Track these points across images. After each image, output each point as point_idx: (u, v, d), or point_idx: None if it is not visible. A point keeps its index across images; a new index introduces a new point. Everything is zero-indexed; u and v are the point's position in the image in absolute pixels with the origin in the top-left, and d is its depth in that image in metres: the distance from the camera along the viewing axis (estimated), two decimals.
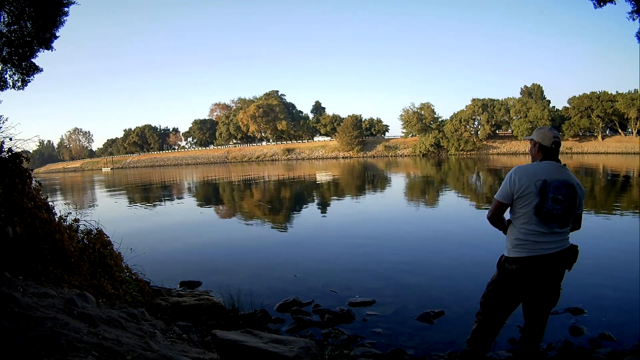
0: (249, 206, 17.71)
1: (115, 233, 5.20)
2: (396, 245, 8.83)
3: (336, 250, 8.57)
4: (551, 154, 2.82)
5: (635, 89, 58.35)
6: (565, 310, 4.77)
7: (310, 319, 4.95)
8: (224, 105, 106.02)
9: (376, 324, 4.77)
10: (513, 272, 2.78)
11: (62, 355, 2.10)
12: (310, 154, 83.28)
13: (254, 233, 11.40)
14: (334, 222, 12.64)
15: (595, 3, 5.49)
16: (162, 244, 9.65)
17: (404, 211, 14.14)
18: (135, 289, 4.60)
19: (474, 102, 69.40)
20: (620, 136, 61.76)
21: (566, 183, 2.73)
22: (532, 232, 2.71)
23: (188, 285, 6.32)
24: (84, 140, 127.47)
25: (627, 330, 4.26)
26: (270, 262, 7.77)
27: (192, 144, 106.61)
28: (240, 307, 4.98)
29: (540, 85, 71.88)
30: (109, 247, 4.79)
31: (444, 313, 4.95)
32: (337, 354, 3.52)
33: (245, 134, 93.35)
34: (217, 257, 8.48)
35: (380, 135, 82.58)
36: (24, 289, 3.06)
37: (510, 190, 2.76)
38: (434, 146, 69.89)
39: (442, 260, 7.46)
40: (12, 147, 4.04)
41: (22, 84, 5.58)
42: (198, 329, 4.31)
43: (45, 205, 4.13)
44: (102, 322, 2.84)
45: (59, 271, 3.71)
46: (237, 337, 3.36)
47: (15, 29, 5.24)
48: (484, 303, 2.98)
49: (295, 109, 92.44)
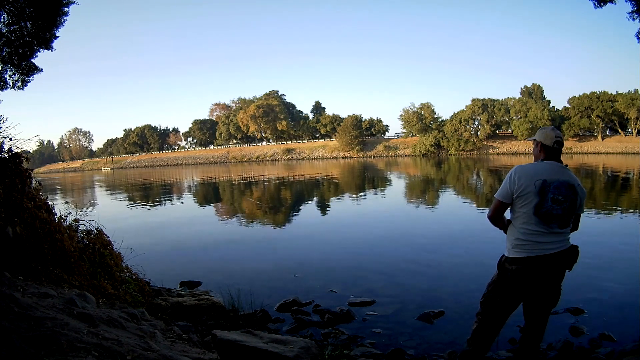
0: (249, 206, 17.71)
1: (115, 233, 5.19)
2: (396, 245, 8.83)
3: (336, 250, 8.57)
4: (553, 154, 2.82)
5: (635, 89, 58.43)
6: (565, 310, 4.77)
7: (310, 319, 4.95)
8: (224, 105, 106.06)
9: (376, 324, 4.76)
10: (513, 272, 2.78)
11: (62, 355, 2.10)
12: (310, 154, 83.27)
13: (254, 233, 11.40)
14: (333, 222, 12.64)
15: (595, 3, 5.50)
16: (162, 244, 9.65)
17: (403, 211, 14.14)
18: (135, 289, 4.60)
19: (474, 102, 69.38)
20: (620, 136, 61.74)
21: (567, 183, 2.72)
22: (532, 232, 2.71)
23: (188, 285, 6.32)
24: (84, 140, 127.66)
25: (627, 330, 4.26)
26: (270, 262, 7.77)
27: (192, 144, 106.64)
28: (240, 307, 4.98)
29: (540, 85, 71.90)
30: (109, 247, 4.79)
31: (444, 313, 4.94)
32: (337, 354, 3.52)
33: (245, 134, 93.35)
34: (217, 257, 8.48)
35: (380, 135, 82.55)
36: (24, 289, 3.06)
37: (510, 189, 2.76)
38: (434, 146, 69.86)
39: (442, 260, 7.45)
40: (12, 147, 4.04)
41: (22, 84, 5.58)
42: (198, 329, 4.31)
43: (45, 205, 4.13)
44: (102, 322, 2.84)
45: (59, 271, 3.71)
46: (237, 337, 3.36)
47: (15, 29, 5.24)
48: (484, 303, 2.97)
49: (295, 109, 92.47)
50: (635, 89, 58.05)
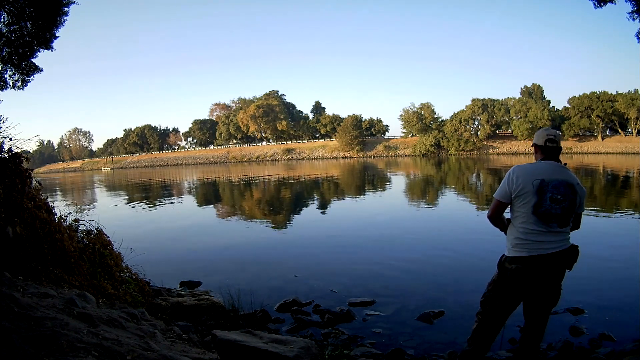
0: (249, 206, 17.71)
1: (115, 233, 5.19)
2: (396, 245, 8.82)
3: (336, 250, 8.56)
4: (550, 154, 2.82)
5: (635, 89, 58.46)
6: (565, 310, 4.77)
7: (310, 319, 4.95)
8: (224, 105, 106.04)
9: (376, 324, 4.77)
10: (513, 271, 2.78)
11: (62, 355, 2.10)
12: (310, 154, 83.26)
13: (254, 233, 11.40)
14: (334, 222, 12.64)
15: (595, 3, 5.50)
16: (162, 244, 9.65)
17: (403, 211, 14.14)
18: (135, 289, 4.60)
19: (474, 102, 69.39)
20: (620, 136, 61.73)
21: (565, 183, 2.72)
22: (531, 231, 2.71)
23: (188, 285, 6.32)
24: (84, 140, 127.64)
25: (627, 330, 4.26)
26: (270, 262, 7.77)
27: (192, 144, 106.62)
28: (240, 307, 4.98)
29: (540, 85, 71.89)
30: (109, 247, 4.79)
31: (444, 313, 4.95)
32: (337, 354, 3.52)
33: (245, 134, 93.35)
34: (217, 257, 8.48)
35: (380, 135, 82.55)
36: (24, 289, 3.06)
37: (508, 189, 2.77)
38: (434, 146, 69.87)
39: (442, 260, 7.45)
40: (12, 147, 4.04)
41: (22, 84, 5.58)
42: (198, 329, 4.31)
43: (45, 205, 4.13)
44: (102, 322, 2.84)
45: (59, 271, 3.71)
46: (237, 337, 3.35)
47: (15, 29, 5.24)
48: (484, 302, 2.98)
49: (295, 109, 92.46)
50: (635, 89, 58.19)
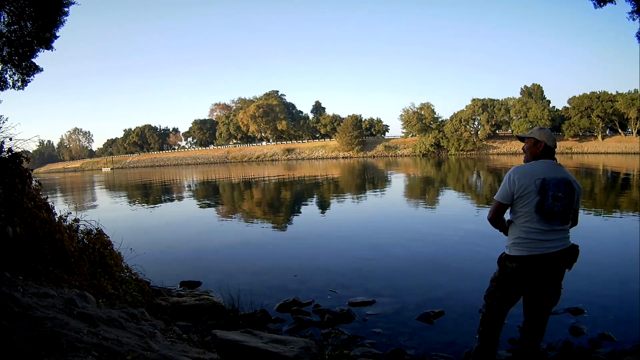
0: (249, 206, 17.71)
1: (115, 233, 5.19)
2: (396, 245, 8.82)
3: (336, 250, 8.56)
4: (551, 154, 2.90)
5: (635, 89, 58.47)
6: (565, 310, 4.77)
7: (310, 319, 4.95)
8: (224, 105, 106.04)
9: (376, 324, 4.76)
10: (513, 269, 2.79)
11: (62, 355, 2.10)
12: (310, 154, 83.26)
13: (254, 233, 11.39)
14: (333, 222, 12.63)
15: (595, 3, 5.49)
16: (162, 244, 9.64)
17: (403, 211, 14.14)
18: (135, 289, 4.60)
19: (474, 102, 69.38)
20: (620, 136, 61.74)
21: (564, 180, 2.77)
22: (534, 230, 2.73)
23: (188, 285, 6.32)
24: (84, 140, 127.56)
25: (627, 330, 4.26)
26: (270, 262, 7.77)
27: (192, 144, 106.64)
28: (240, 307, 4.97)
29: (540, 85, 71.89)
30: (109, 247, 4.79)
31: (444, 313, 4.94)
32: (337, 354, 3.52)
33: (245, 134, 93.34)
34: (217, 257, 8.48)
35: (380, 135, 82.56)
36: (24, 289, 3.06)
37: (510, 190, 2.78)
38: (434, 146, 69.89)
39: (442, 260, 7.45)
40: (12, 147, 4.05)
41: (22, 84, 5.58)
42: (198, 329, 4.31)
43: (45, 205, 4.13)
44: (102, 322, 2.84)
45: (59, 271, 3.71)
46: (237, 337, 3.35)
47: (15, 29, 5.24)
48: (488, 296, 2.99)
49: (295, 109, 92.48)
50: (635, 89, 58.20)
